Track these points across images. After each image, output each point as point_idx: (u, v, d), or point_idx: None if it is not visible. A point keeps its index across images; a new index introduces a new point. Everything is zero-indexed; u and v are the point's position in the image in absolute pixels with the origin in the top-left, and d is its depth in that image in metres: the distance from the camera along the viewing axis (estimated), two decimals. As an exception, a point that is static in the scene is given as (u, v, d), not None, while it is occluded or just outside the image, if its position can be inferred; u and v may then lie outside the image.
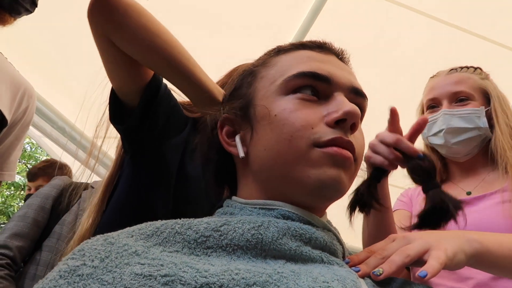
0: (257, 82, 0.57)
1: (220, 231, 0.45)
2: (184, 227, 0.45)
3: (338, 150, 0.49)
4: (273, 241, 0.45)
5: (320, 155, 0.49)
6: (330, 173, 0.48)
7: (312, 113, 0.51)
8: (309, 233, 0.48)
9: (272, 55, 0.59)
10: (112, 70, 0.71)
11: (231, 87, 0.61)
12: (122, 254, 0.39)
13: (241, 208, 0.52)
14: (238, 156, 0.54)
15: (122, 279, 0.37)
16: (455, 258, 0.53)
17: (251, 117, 0.54)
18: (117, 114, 0.74)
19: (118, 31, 0.65)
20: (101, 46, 0.69)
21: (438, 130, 1.03)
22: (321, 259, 0.48)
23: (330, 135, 0.49)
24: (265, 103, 0.53)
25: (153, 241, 0.43)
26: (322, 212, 0.54)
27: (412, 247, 0.52)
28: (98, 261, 0.38)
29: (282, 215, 0.50)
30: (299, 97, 0.52)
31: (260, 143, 0.52)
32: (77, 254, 0.39)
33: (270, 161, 0.51)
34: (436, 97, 1.06)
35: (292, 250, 0.46)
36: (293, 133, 0.49)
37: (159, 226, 0.45)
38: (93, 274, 0.37)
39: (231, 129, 0.57)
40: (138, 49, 0.66)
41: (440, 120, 1.03)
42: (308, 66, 0.54)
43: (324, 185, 0.49)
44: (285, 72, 0.54)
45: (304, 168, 0.49)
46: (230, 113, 0.57)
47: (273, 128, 0.51)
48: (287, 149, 0.49)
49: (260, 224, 0.47)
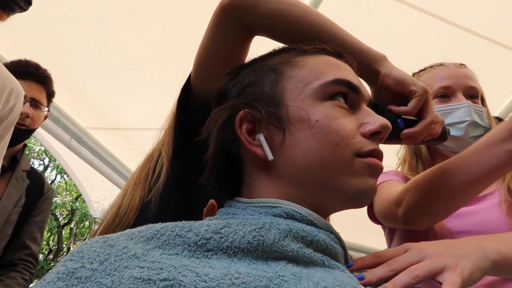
0: (285, 81, 0.54)
1: (220, 233, 0.45)
2: (184, 230, 0.45)
3: (377, 161, 0.52)
4: (275, 243, 0.45)
5: (362, 165, 0.51)
6: (370, 183, 0.51)
7: (350, 123, 0.52)
8: (311, 235, 0.48)
9: (295, 54, 0.57)
10: (211, 64, 0.70)
11: (243, 81, 0.57)
12: (122, 257, 0.39)
13: (244, 208, 0.52)
14: (262, 157, 0.52)
15: (121, 283, 0.36)
16: (470, 278, 0.51)
17: (282, 118, 0.52)
18: (183, 106, 0.75)
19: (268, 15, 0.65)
20: (232, 37, 0.68)
21: (459, 121, 0.98)
22: (322, 262, 0.47)
23: (370, 146, 0.52)
24: (301, 106, 0.52)
25: (153, 244, 0.42)
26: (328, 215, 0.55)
27: (424, 266, 0.49)
28: (97, 264, 0.38)
29: (285, 213, 0.49)
30: (338, 104, 0.53)
31: (298, 147, 0.51)
32: (76, 256, 0.39)
33: (309, 167, 0.51)
34: (452, 86, 1.02)
35: (294, 251, 0.46)
36: (338, 142, 0.50)
37: (159, 229, 0.44)
38: (91, 277, 0.37)
39: (250, 126, 0.54)
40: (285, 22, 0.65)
41: (463, 111, 0.98)
42: (341, 73, 0.54)
43: (365, 194, 0.51)
44: (320, 76, 0.54)
45: (346, 177, 0.50)
46: (255, 110, 0.53)
47: (315, 134, 0.51)
48: (331, 157, 0.50)
49: (262, 226, 0.46)
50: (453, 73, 1.03)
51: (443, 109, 1.00)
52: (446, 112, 1.00)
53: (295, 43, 0.61)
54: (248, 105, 0.54)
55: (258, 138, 0.52)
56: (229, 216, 0.51)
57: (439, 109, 1.01)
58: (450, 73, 1.04)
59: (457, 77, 1.02)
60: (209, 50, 0.70)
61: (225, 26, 0.67)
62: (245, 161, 0.56)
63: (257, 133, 0.53)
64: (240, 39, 0.68)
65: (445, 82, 1.02)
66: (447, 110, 1.00)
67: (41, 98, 1.52)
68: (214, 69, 0.70)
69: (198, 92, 0.73)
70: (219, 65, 0.69)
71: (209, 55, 0.70)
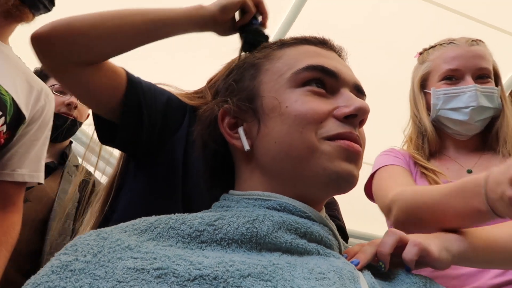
0: (262, 74, 0.56)
1: (214, 226, 0.45)
2: (178, 222, 0.45)
3: (350, 143, 0.50)
4: (268, 234, 0.45)
5: (333, 148, 0.49)
6: (344, 167, 0.49)
7: (322, 106, 0.51)
8: (305, 227, 0.48)
9: (275, 48, 0.59)
10: (87, 95, 0.73)
11: (229, 80, 0.60)
12: (115, 248, 0.39)
13: (237, 200, 0.52)
14: (241, 149, 0.54)
15: (115, 273, 0.36)
16: (440, 253, 0.56)
17: (257, 109, 0.54)
18: (105, 133, 0.76)
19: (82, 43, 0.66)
20: (68, 77, 0.70)
21: (464, 106, 0.95)
22: (317, 251, 0.47)
23: (339, 129, 0.50)
24: (274, 95, 0.53)
25: (146, 236, 0.42)
26: (321, 206, 0.54)
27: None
28: (91, 256, 0.38)
29: (279, 205, 0.49)
30: (309, 89, 0.52)
31: (270, 136, 0.52)
32: (70, 249, 0.39)
33: (282, 153, 0.51)
34: (460, 69, 0.97)
35: (288, 242, 0.46)
36: (304, 125, 0.50)
37: (152, 222, 0.45)
38: (85, 269, 0.37)
39: (233, 121, 0.56)
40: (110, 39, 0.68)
41: (469, 95, 0.95)
42: (316, 60, 0.54)
43: (341, 178, 0.49)
44: (293, 65, 0.54)
45: (318, 160, 0.49)
46: (232, 105, 0.56)
47: (284, 119, 0.51)
48: (300, 141, 0.50)
49: (255, 217, 0.46)
50: (463, 53, 0.98)
51: (449, 92, 0.98)
52: (452, 95, 0.97)
53: (137, 45, 0.70)
54: (229, 101, 0.56)
55: (238, 130, 0.54)
56: (223, 209, 0.51)
57: (445, 92, 0.98)
58: (459, 53, 0.98)
59: (466, 58, 0.97)
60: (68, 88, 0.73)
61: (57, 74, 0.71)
62: (234, 155, 0.58)
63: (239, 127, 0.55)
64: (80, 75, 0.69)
65: (453, 64, 0.98)
66: (453, 94, 0.97)
67: None
68: (94, 96, 0.72)
69: (104, 116, 0.75)
70: (87, 96, 0.73)
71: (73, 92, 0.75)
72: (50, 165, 1.40)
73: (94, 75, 0.69)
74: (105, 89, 0.71)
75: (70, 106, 1.44)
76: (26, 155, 1.06)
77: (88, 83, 0.70)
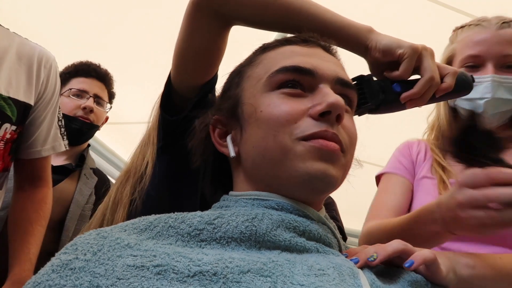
0: (244, 81, 0.57)
1: (213, 224, 0.45)
2: (177, 221, 0.45)
3: (323, 142, 0.48)
4: (267, 232, 0.45)
5: (306, 149, 0.48)
6: (317, 167, 0.48)
7: (296, 106, 0.50)
8: (303, 225, 0.48)
9: (258, 53, 0.59)
10: (191, 61, 0.70)
11: (221, 90, 0.61)
12: (115, 247, 0.39)
13: (236, 200, 0.52)
14: (228, 156, 0.55)
15: (114, 271, 0.37)
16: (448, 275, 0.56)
17: (239, 117, 0.55)
18: (166, 105, 0.74)
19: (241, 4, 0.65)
20: (209, 32, 0.67)
21: (480, 97, 0.87)
22: (316, 249, 0.48)
23: (313, 128, 0.49)
24: (252, 101, 0.53)
25: (146, 235, 0.43)
26: (318, 205, 0.54)
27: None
28: (91, 255, 0.38)
29: (277, 204, 0.50)
30: (284, 91, 0.52)
31: (249, 141, 0.52)
32: (70, 248, 0.39)
33: (259, 158, 0.51)
34: (482, 55, 0.87)
35: (287, 240, 0.46)
36: (278, 128, 0.49)
37: (152, 221, 0.45)
38: (85, 267, 0.37)
39: (223, 129, 0.57)
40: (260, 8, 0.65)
41: (486, 86, 0.86)
42: (291, 60, 0.53)
43: (315, 178, 0.48)
44: (269, 69, 0.54)
45: (291, 162, 0.48)
46: (220, 114, 0.57)
47: (259, 124, 0.51)
48: (273, 144, 0.49)
49: (254, 216, 0.46)
50: (487, 38, 0.88)
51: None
52: None
53: (275, 29, 0.63)
54: (219, 111, 0.58)
55: (226, 138, 0.56)
56: (222, 209, 0.52)
57: None
58: (483, 37, 0.88)
59: (490, 43, 0.87)
60: (187, 48, 0.69)
61: (201, 21, 0.67)
62: (230, 163, 0.59)
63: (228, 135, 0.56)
64: (217, 32, 0.68)
65: (475, 50, 0.88)
66: None
67: (103, 95, 1.53)
68: (193, 66, 0.70)
69: (179, 89, 0.73)
70: (198, 61, 0.69)
71: (187, 53, 0.70)
72: (68, 167, 1.41)
73: (225, 42, 0.70)
74: (217, 59, 0.70)
75: (86, 110, 1.44)
76: (48, 132, 1.06)
77: (222, 45, 0.69)
